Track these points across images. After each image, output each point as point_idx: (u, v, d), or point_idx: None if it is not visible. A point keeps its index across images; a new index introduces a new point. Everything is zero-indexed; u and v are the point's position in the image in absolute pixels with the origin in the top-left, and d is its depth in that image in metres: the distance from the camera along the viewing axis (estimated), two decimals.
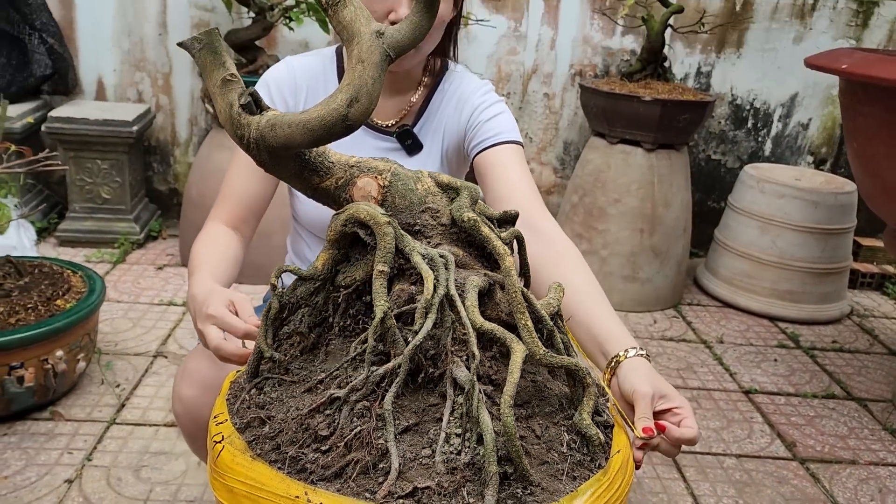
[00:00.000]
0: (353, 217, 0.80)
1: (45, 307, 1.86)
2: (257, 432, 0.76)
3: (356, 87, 0.74)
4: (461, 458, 0.70)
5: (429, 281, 0.75)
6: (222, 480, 0.74)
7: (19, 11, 2.83)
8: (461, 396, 0.73)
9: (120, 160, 2.87)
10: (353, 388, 0.74)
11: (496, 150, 1.15)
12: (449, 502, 0.67)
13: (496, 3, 3.03)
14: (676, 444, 0.87)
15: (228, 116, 0.80)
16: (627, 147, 2.73)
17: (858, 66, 1.84)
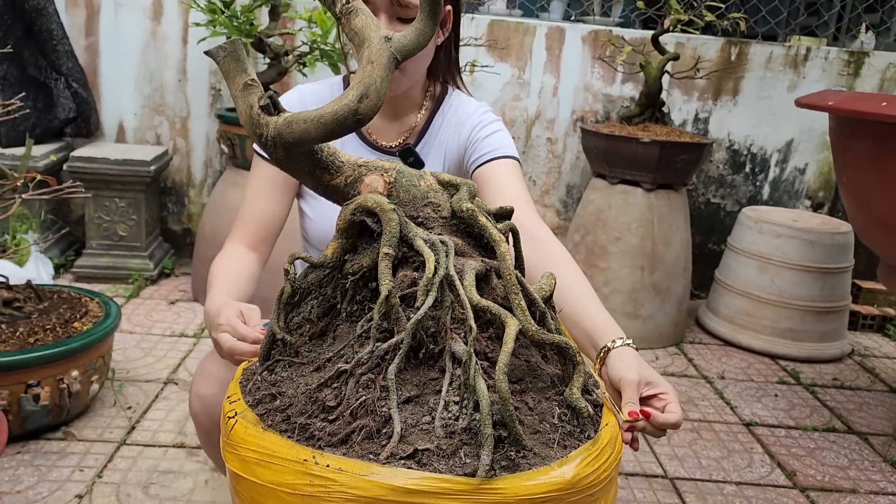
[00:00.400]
0: (362, 206, 0.87)
1: (62, 329, 1.93)
2: (268, 406, 0.82)
3: (366, 85, 0.82)
4: (459, 423, 0.76)
5: (430, 262, 0.82)
6: (235, 451, 0.79)
7: (47, 58, 2.98)
8: (459, 368, 0.79)
9: (137, 199, 2.97)
10: (359, 361, 0.80)
11: (493, 164, 1.23)
12: (447, 463, 0.73)
13: (501, 51, 3.17)
14: (661, 428, 0.92)
15: (248, 117, 0.88)
16: (627, 187, 2.82)
17: (844, 103, 1.93)
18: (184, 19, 3.09)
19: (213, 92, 3.19)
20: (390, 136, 1.31)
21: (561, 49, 3.20)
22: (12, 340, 1.85)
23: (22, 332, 1.88)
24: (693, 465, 2.08)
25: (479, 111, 1.30)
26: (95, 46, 3.11)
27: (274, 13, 2.77)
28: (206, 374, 1.19)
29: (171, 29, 3.10)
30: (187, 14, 3.07)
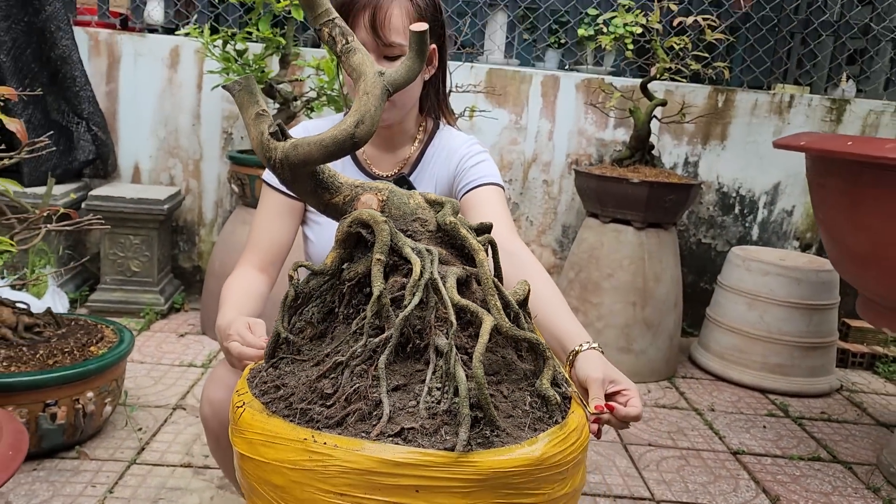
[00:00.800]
0: (357, 218, 1.00)
1: (79, 353, 2.05)
2: (273, 396, 0.93)
3: (362, 113, 0.95)
4: (441, 406, 0.87)
5: (416, 266, 0.94)
6: (242, 435, 0.90)
7: (69, 103, 3.16)
8: (441, 360, 0.90)
9: (150, 236, 3.11)
10: (353, 354, 0.91)
11: (479, 190, 1.36)
12: (429, 439, 0.84)
13: (499, 97, 3.34)
14: (624, 421, 1.03)
15: (259, 143, 1.01)
16: (619, 226, 2.94)
17: (815, 143, 2.07)
18: (199, 67, 3.28)
19: (224, 136, 3.36)
20: (386, 166, 1.44)
21: (556, 96, 3.36)
22: (32, 362, 1.96)
23: (42, 354, 1.99)
24: (680, 489, 2.15)
25: (466, 143, 1.44)
26: (115, 92, 3.29)
27: (284, 61, 2.95)
28: (216, 380, 1.30)
29: (186, 76, 3.29)
30: (202, 62, 3.26)
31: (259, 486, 0.87)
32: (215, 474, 2.00)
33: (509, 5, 3.51)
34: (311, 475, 0.81)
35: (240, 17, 3.40)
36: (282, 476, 0.83)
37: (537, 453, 0.84)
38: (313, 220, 1.45)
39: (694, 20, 2.77)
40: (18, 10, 3.00)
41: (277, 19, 2.96)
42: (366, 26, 1.27)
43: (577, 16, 3.49)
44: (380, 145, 1.43)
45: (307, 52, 3.25)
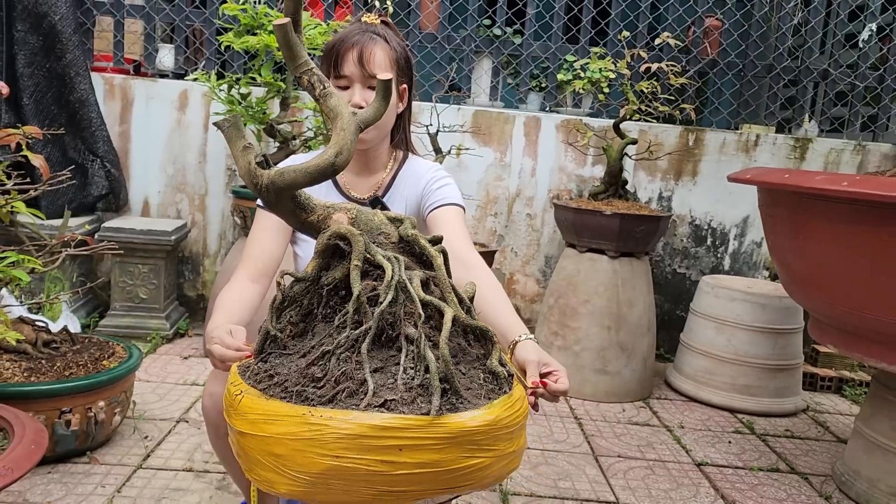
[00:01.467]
0: (336, 232, 1.21)
1: (93, 365, 2.25)
2: (268, 384, 1.12)
3: (340, 145, 1.17)
4: (415, 381, 1.07)
5: (388, 269, 1.16)
6: (244, 417, 1.05)
7: (85, 142, 3.41)
8: (412, 345, 1.11)
9: (158, 265, 3.33)
10: (338, 344, 1.12)
11: (442, 209, 1.59)
12: (408, 407, 1.03)
13: (485, 137, 3.59)
14: (555, 395, 1.24)
15: (247, 171, 1.22)
16: (594, 255, 3.16)
17: (758, 176, 2.29)
18: (206, 109, 3.54)
19: (228, 172, 3.60)
20: (362, 189, 1.67)
21: (538, 136, 3.61)
22: (50, 373, 2.17)
23: (58, 366, 2.20)
24: (643, 494, 2.33)
25: (432, 169, 1.67)
26: (128, 132, 3.55)
27: (284, 104, 3.21)
28: (217, 375, 1.50)
29: (194, 118, 3.55)
30: (209, 105, 3.52)
31: (262, 458, 1.01)
32: (214, 477, 2.19)
33: (494, 52, 3.78)
34: (310, 443, 0.97)
35: (244, 64, 3.67)
36: (284, 446, 0.99)
37: (493, 416, 1.04)
38: (301, 238, 1.67)
39: (659, 67, 3.02)
40: (41, 57, 3.27)
41: (279, 66, 3.23)
42: (354, 61, 1.53)
43: (556, 62, 3.76)
44: (356, 171, 1.66)
45: (306, 95, 3.51)
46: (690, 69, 3.75)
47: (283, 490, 1.01)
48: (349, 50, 1.53)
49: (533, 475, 2.39)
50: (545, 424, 2.82)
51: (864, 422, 2.45)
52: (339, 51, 1.54)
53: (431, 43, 3.74)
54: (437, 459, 0.98)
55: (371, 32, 1.56)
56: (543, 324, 3.28)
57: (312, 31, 3.03)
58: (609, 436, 2.78)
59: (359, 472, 0.97)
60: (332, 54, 1.55)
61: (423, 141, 3.23)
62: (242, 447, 1.05)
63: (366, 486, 0.98)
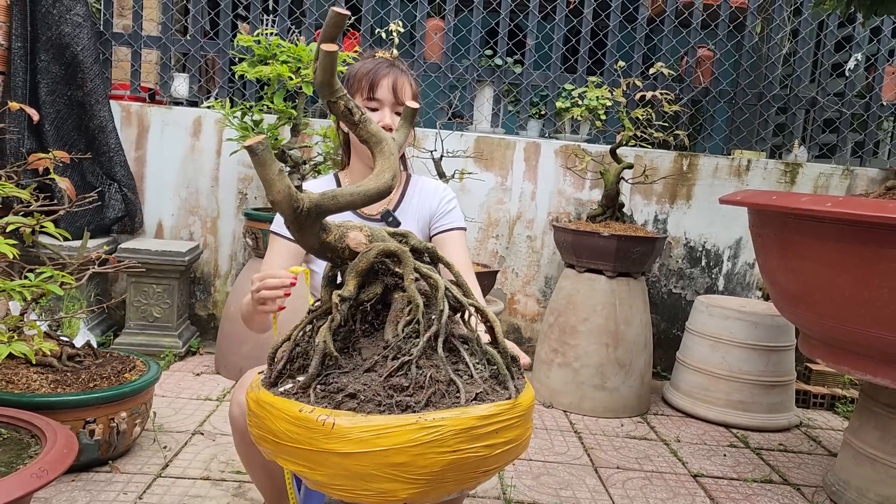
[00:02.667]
0: (385, 250, 1.29)
1: (115, 378, 2.36)
2: (352, 402, 1.10)
3: (391, 168, 1.27)
4: (485, 373, 1.18)
5: (440, 282, 1.27)
6: (346, 439, 1.03)
7: (103, 167, 3.55)
8: (466, 344, 1.22)
9: (171, 285, 3.45)
10: (419, 352, 1.20)
11: (452, 233, 1.78)
12: (494, 395, 1.15)
13: (486, 162, 3.73)
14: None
15: (287, 194, 1.18)
16: (592, 275, 3.28)
17: (748, 198, 2.42)
18: (219, 136, 3.68)
19: (240, 196, 3.74)
20: (372, 207, 1.81)
21: (537, 161, 3.75)
22: (75, 385, 2.28)
23: (83, 378, 2.31)
24: (641, 503, 2.43)
25: (441, 187, 1.85)
26: (144, 158, 3.69)
27: (295, 130, 3.35)
28: (244, 385, 1.61)
29: (207, 144, 3.69)
30: (222, 131, 3.66)
31: (379, 472, 1.03)
32: (231, 485, 2.29)
33: (495, 81, 3.94)
34: (430, 445, 1.03)
35: (256, 92, 3.82)
36: (403, 454, 1.02)
37: (531, 395, 1.19)
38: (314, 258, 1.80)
39: (653, 95, 3.17)
40: (63, 86, 3.42)
41: (290, 94, 3.37)
42: (388, 88, 1.72)
43: (555, 90, 3.91)
44: None
45: (315, 122, 3.66)
46: (684, 97, 3.91)
47: (403, 495, 1.07)
48: (384, 77, 1.72)
49: (535, 484, 2.49)
50: (546, 438, 2.93)
51: (852, 433, 2.56)
52: (374, 78, 1.72)
53: (435, 72, 3.89)
54: (518, 434, 1.12)
55: (398, 67, 1.75)
56: (544, 342, 3.40)
57: None
58: (608, 449, 2.88)
59: (469, 460, 1.06)
60: (368, 79, 1.72)
61: (428, 166, 3.37)
62: (347, 468, 1.04)
63: (472, 470, 1.08)
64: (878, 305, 2.15)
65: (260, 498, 2.21)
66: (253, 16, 3.85)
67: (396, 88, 1.72)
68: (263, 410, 1.11)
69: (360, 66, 1.76)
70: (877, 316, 2.17)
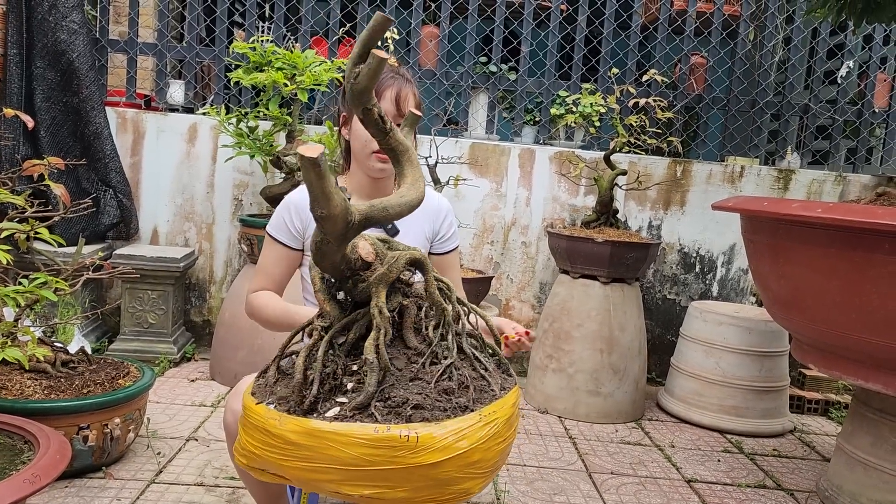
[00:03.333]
0: (411, 258, 1.29)
1: (109, 384, 2.36)
2: (423, 413, 1.12)
3: (422, 176, 1.28)
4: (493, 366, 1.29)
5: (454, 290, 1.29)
6: (431, 449, 1.05)
7: (98, 173, 3.55)
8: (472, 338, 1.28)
9: (166, 291, 3.45)
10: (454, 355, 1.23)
11: (449, 255, 1.88)
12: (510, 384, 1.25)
13: (481, 168, 3.74)
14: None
15: (344, 208, 1.09)
16: (587, 281, 3.29)
17: (739, 204, 2.44)
18: (214, 142, 3.69)
19: (235, 202, 3.74)
20: None
21: (532, 167, 3.77)
22: (69, 391, 2.28)
23: (77, 384, 2.31)
24: None
25: (444, 205, 1.89)
26: (139, 164, 3.70)
27: (290, 136, 3.36)
28: (238, 394, 1.61)
29: (203, 150, 3.70)
30: (217, 138, 3.67)
31: (461, 474, 1.08)
32: (224, 491, 2.29)
33: (490, 88, 3.96)
34: (493, 439, 1.12)
35: (252, 98, 3.84)
36: (479, 452, 1.08)
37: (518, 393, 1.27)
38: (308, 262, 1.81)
39: (647, 101, 3.19)
40: (59, 92, 3.43)
41: (285, 100, 3.39)
42: (391, 99, 1.74)
43: (549, 97, 3.93)
44: (366, 196, 1.81)
45: (311, 128, 3.67)
46: (677, 104, 3.93)
47: (477, 490, 1.13)
48: (388, 89, 1.74)
49: (529, 490, 2.49)
50: (541, 443, 2.93)
51: (845, 439, 2.57)
52: (378, 89, 1.72)
53: (430, 79, 3.91)
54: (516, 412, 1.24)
55: (402, 77, 1.77)
56: (539, 347, 3.40)
57: (318, 68, 3.19)
58: (602, 454, 2.89)
59: (509, 443, 1.16)
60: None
61: (423, 172, 3.37)
62: (433, 477, 1.05)
63: (507, 451, 1.18)
64: (868, 311, 2.17)
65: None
66: (249, 23, 3.87)
67: (399, 99, 1.74)
68: (320, 441, 1.04)
69: None
70: (867, 321, 2.18)
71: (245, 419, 1.17)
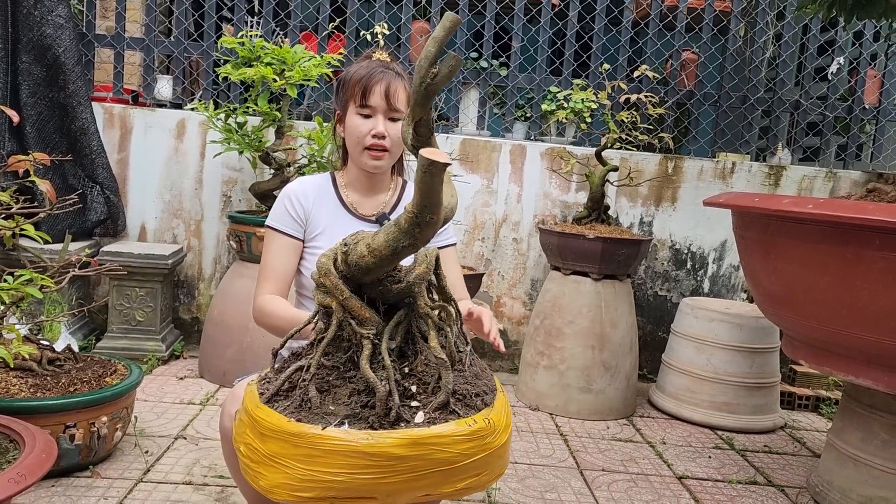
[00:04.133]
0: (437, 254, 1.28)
1: (96, 382, 2.34)
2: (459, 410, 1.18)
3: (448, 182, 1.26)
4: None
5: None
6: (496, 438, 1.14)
7: (85, 169, 3.52)
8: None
9: (154, 289, 3.42)
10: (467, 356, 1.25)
11: (447, 249, 1.83)
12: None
13: (472, 164, 3.73)
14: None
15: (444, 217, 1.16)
16: (578, 277, 3.28)
17: (731, 199, 2.43)
18: (202, 138, 3.66)
19: (224, 199, 3.71)
20: (367, 208, 1.80)
21: (523, 163, 3.76)
22: (56, 389, 2.25)
23: (63, 382, 2.28)
24: None
25: None
26: (126, 160, 3.66)
27: (279, 132, 3.33)
28: (236, 397, 1.58)
29: (191, 146, 3.67)
30: (206, 133, 3.64)
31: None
32: (213, 490, 2.27)
33: (481, 83, 3.94)
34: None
35: (240, 94, 3.81)
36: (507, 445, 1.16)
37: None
38: (305, 257, 1.79)
39: (638, 97, 3.18)
40: (44, 88, 3.39)
41: (274, 96, 3.36)
42: (381, 94, 1.69)
43: (540, 93, 3.92)
44: (363, 192, 1.80)
45: (300, 124, 3.64)
46: (668, 100, 3.92)
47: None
48: (377, 84, 1.69)
49: (520, 487, 2.48)
50: (532, 441, 2.92)
51: (835, 434, 2.57)
52: (367, 84, 1.69)
53: None
54: None
55: (392, 71, 1.72)
56: (530, 344, 3.39)
57: (307, 64, 3.17)
58: (593, 451, 2.88)
59: None
60: (361, 86, 1.69)
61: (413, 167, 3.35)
62: (500, 455, 1.14)
63: None
64: (858, 307, 2.16)
65: (243, 502, 2.19)
66: (237, 17, 3.83)
67: (389, 94, 1.69)
68: (424, 447, 1.05)
69: (355, 70, 1.74)
70: (858, 317, 2.18)
71: (306, 449, 1.05)
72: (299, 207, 1.77)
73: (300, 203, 1.77)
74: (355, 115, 1.71)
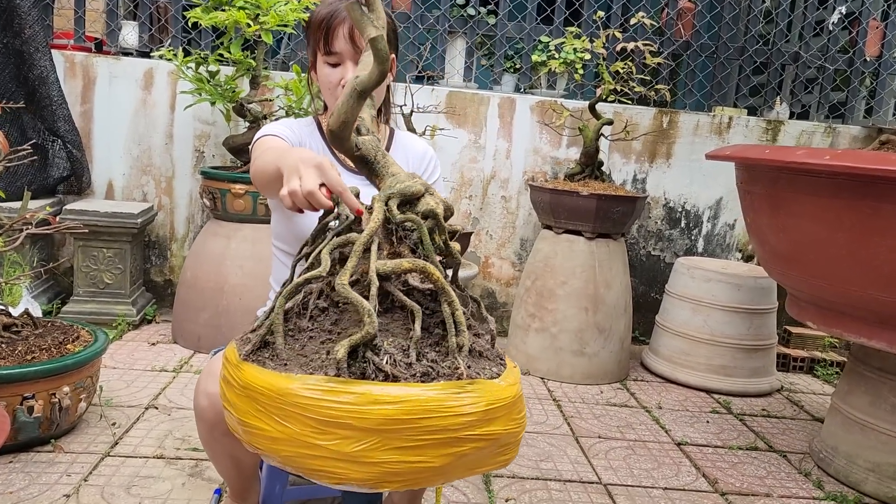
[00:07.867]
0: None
1: (56, 350, 2.16)
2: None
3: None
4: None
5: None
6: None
7: (45, 122, 3.28)
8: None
9: (123, 249, 3.22)
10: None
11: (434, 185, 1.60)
12: None
13: (458, 118, 3.54)
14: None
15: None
16: (571, 236, 3.13)
17: (738, 152, 2.28)
18: (172, 89, 3.43)
19: (196, 154, 3.50)
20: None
21: (512, 117, 3.57)
22: (11, 358, 2.06)
23: (20, 350, 2.10)
24: (625, 474, 2.31)
25: (429, 152, 1.69)
26: (90, 112, 3.42)
27: (254, 82, 3.12)
28: (212, 374, 1.39)
29: (160, 97, 3.44)
30: (175, 84, 3.41)
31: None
32: (186, 464, 2.11)
33: (468, 32, 3.73)
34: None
35: (212, 41, 3.57)
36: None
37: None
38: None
39: (635, 46, 2.99)
40: None
41: (248, 43, 3.13)
42: (346, 37, 1.45)
43: (531, 42, 3.72)
44: None
45: (276, 74, 3.42)
46: (664, 51, 3.74)
47: None
48: (340, 25, 1.45)
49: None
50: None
51: (841, 398, 2.46)
52: (329, 26, 1.45)
53: (405, 22, 3.67)
54: None
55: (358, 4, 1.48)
56: (520, 306, 3.25)
57: (284, 8, 2.94)
58: (588, 417, 2.76)
59: None
60: (322, 30, 1.47)
61: (398, 122, 3.16)
62: None
63: None
64: (874, 265, 2.04)
65: (218, 478, 2.04)
66: None
67: (355, 36, 1.45)
68: None
69: (318, 10, 1.51)
70: (873, 276, 2.05)
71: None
72: (296, 135, 1.57)
73: (296, 132, 1.57)
74: (324, 65, 1.50)
